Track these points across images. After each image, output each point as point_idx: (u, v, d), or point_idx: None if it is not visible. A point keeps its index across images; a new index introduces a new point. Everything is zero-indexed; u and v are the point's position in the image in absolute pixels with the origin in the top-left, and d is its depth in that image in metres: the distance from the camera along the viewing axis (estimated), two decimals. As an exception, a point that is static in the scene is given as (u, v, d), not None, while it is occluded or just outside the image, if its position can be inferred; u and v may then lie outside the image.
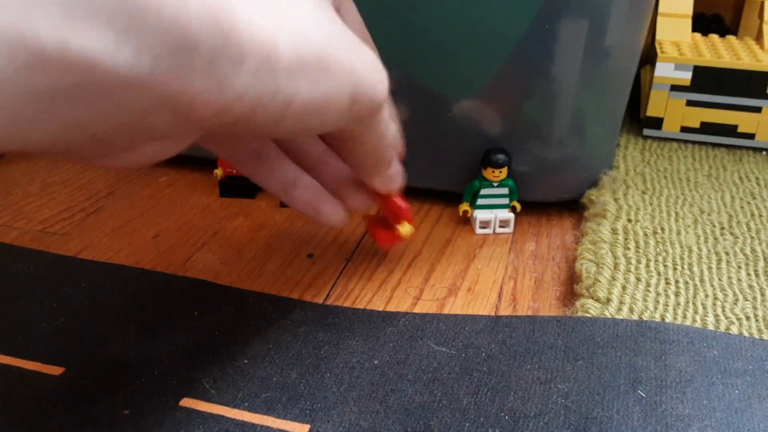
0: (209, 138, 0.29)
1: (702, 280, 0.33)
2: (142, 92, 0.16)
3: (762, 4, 0.54)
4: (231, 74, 0.18)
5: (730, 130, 0.49)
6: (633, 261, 0.34)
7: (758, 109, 0.48)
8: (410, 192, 0.43)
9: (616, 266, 0.34)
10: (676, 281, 0.33)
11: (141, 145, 0.19)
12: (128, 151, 0.19)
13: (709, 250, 0.36)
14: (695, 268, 0.34)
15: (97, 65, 0.15)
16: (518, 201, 0.40)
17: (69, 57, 0.14)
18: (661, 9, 0.53)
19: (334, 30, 0.22)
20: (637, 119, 0.53)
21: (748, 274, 0.34)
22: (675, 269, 0.34)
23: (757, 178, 0.44)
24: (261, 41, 0.18)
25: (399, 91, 0.39)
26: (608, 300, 0.31)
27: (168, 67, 0.16)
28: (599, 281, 0.32)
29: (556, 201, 0.42)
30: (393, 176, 0.31)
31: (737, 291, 0.33)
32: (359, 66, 0.22)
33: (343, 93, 0.22)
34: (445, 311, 0.32)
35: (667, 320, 0.30)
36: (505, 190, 0.39)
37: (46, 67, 0.14)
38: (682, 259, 0.35)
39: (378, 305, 0.33)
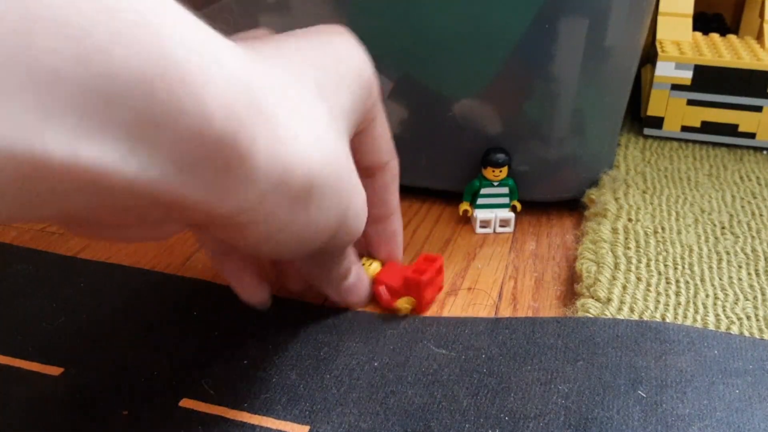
0: None
1: (702, 280, 0.33)
2: (143, 195, 0.16)
3: (763, 3, 0.54)
4: (236, 191, 0.17)
5: (731, 130, 0.49)
6: (633, 260, 0.34)
7: (759, 109, 0.48)
8: (410, 192, 0.43)
9: (616, 266, 0.34)
10: (677, 281, 0.33)
11: (131, 227, 0.19)
12: (116, 230, 0.19)
13: (709, 250, 0.36)
14: (696, 268, 0.34)
15: (105, 174, 0.14)
16: (518, 200, 0.40)
17: (77, 167, 0.14)
18: (661, 8, 0.53)
19: (345, 165, 0.22)
20: (638, 118, 0.53)
21: (749, 274, 0.34)
22: (675, 269, 0.34)
23: (757, 178, 0.44)
24: (276, 166, 0.18)
25: (399, 91, 0.39)
26: (609, 300, 0.31)
27: (174, 178, 0.15)
28: (600, 281, 0.32)
29: (556, 200, 0.42)
30: (350, 289, 0.30)
31: (738, 290, 0.33)
32: (353, 206, 0.22)
33: (329, 228, 0.22)
34: (445, 311, 0.32)
35: (667, 320, 0.30)
36: (505, 190, 0.39)
37: (51, 175, 0.14)
38: (682, 258, 0.35)
39: (378, 307, 0.32)
